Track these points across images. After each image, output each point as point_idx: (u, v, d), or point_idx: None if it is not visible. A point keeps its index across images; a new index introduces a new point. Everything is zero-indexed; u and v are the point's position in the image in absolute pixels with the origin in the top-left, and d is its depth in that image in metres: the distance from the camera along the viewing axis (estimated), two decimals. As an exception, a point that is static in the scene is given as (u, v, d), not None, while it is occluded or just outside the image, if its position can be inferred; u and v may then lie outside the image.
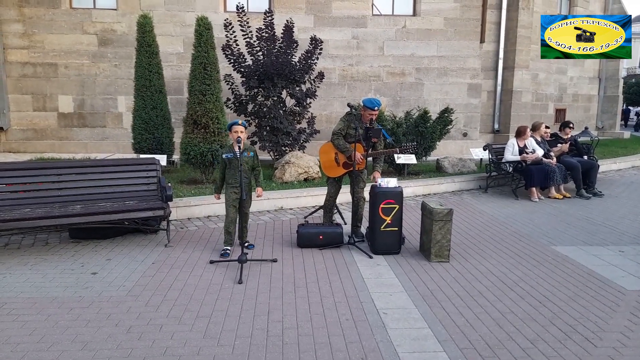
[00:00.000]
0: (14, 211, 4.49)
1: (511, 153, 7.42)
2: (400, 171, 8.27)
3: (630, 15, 7.30)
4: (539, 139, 7.66)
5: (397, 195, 4.57)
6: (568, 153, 7.99)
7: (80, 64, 10.43)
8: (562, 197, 7.36)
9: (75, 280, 3.92)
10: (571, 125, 8.21)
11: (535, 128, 7.75)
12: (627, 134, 17.24)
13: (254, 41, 8.46)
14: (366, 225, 5.06)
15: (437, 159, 8.98)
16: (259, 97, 8.69)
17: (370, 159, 5.04)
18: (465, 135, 11.70)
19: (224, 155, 4.53)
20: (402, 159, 7.81)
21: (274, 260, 4.42)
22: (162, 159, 6.69)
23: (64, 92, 10.49)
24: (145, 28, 7.60)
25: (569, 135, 8.12)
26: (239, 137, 4.38)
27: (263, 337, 2.99)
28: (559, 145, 7.84)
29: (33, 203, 4.76)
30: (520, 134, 7.48)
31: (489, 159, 7.95)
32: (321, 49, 8.84)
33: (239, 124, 4.46)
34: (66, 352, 2.79)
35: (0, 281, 3.87)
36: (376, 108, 4.82)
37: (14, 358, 2.72)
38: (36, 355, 2.75)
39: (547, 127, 7.96)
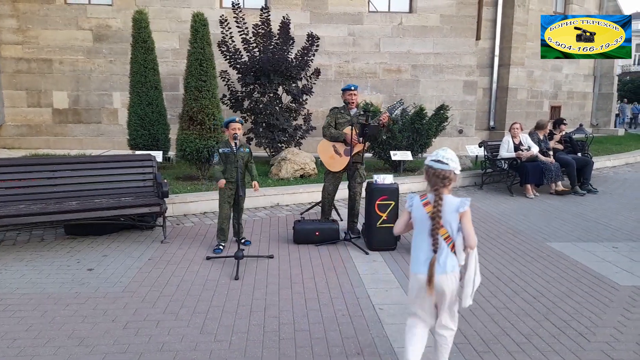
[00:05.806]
0: (9, 207, 4.48)
1: (506, 150, 7.46)
2: (396, 168, 8.29)
3: (630, 16, 7.32)
4: (541, 136, 7.70)
5: (393, 191, 4.60)
6: (563, 150, 8.04)
7: (75, 60, 10.36)
8: (562, 190, 7.37)
9: (72, 276, 3.91)
10: (565, 122, 8.28)
11: (540, 127, 7.76)
12: (621, 131, 17.33)
13: (250, 37, 8.44)
14: (362, 222, 5.08)
15: (433, 156, 8.98)
16: (255, 93, 8.67)
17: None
18: (460, 132, 11.73)
19: (220, 150, 4.55)
20: (398, 155, 7.82)
21: (270, 257, 4.43)
22: (158, 155, 6.66)
23: (59, 88, 10.42)
24: (140, 24, 7.56)
25: (563, 132, 8.19)
26: (235, 133, 4.40)
27: (260, 333, 3.00)
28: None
29: (28, 199, 4.75)
30: (510, 129, 7.64)
31: (485, 155, 7.98)
32: (317, 46, 8.83)
33: (236, 122, 4.49)
34: (63, 347, 2.79)
35: (-4, 277, 3.87)
36: (352, 88, 5.07)
37: (11, 354, 2.72)
38: (33, 351, 2.75)
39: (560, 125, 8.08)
